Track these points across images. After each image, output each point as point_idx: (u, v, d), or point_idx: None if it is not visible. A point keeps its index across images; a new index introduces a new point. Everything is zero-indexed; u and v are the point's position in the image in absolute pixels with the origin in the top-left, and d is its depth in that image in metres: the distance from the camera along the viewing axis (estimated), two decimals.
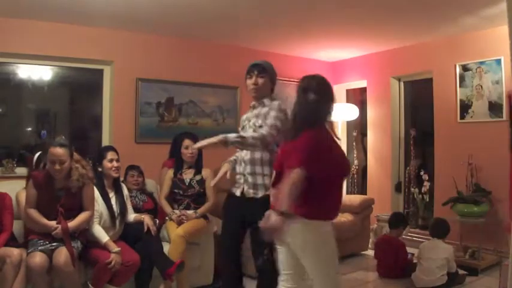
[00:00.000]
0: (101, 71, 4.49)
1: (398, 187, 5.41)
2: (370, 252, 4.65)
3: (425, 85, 5.07)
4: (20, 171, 3.89)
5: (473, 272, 3.89)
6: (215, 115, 5.03)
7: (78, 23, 4.15)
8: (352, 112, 5.46)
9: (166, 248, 3.22)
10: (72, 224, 2.81)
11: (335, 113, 2.32)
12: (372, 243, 4.79)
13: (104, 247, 2.91)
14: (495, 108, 4.32)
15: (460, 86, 4.61)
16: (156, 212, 3.59)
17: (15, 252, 2.69)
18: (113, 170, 3.21)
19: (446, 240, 3.73)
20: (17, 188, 3.16)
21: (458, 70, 4.62)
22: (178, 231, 3.27)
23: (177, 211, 3.50)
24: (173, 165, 3.75)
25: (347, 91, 6.12)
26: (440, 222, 3.85)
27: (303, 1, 3.68)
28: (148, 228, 3.23)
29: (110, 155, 3.23)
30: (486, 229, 4.13)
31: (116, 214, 3.15)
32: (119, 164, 3.26)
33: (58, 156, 2.77)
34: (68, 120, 4.75)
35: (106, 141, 4.44)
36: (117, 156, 3.27)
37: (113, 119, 4.45)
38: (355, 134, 5.96)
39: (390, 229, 4.08)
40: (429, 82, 4.95)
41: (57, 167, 2.78)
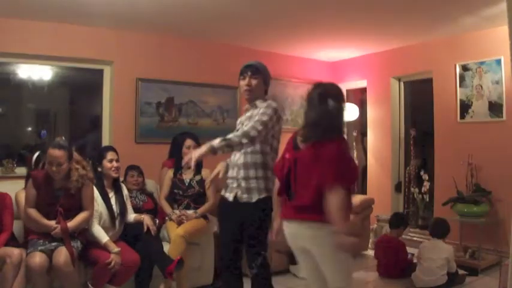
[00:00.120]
0: (101, 71, 4.49)
1: (398, 187, 5.40)
2: (370, 252, 4.65)
3: (425, 85, 5.06)
4: (20, 171, 3.89)
5: (473, 272, 3.89)
6: (215, 115, 5.03)
7: (78, 23, 4.15)
8: (352, 112, 5.46)
9: (166, 248, 3.22)
10: (71, 224, 2.81)
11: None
12: (372, 243, 4.79)
13: (104, 247, 2.91)
14: (495, 108, 4.32)
15: (460, 86, 4.60)
16: (156, 212, 3.58)
17: (15, 252, 2.70)
18: (113, 170, 3.21)
19: (446, 240, 3.73)
20: (17, 188, 3.16)
21: (458, 70, 4.61)
22: (178, 231, 3.27)
23: (177, 211, 3.51)
24: (173, 165, 3.75)
25: (347, 91, 6.10)
26: (440, 222, 3.85)
27: (303, 1, 3.68)
28: (148, 228, 3.23)
29: (110, 155, 3.23)
30: (486, 229, 4.13)
31: (116, 214, 3.16)
32: (119, 164, 3.26)
33: (55, 158, 2.77)
34: (68, 120, 4.75)
35: (106, 141, 4.44)
36: (116, 156, 3.27)
37: (113, 119, 4.44)
38: (355, 134, 5.95)
39: (390, 229, 4.08)
40: (429, 82, 4.94)
41: (54, 169, 2.78)
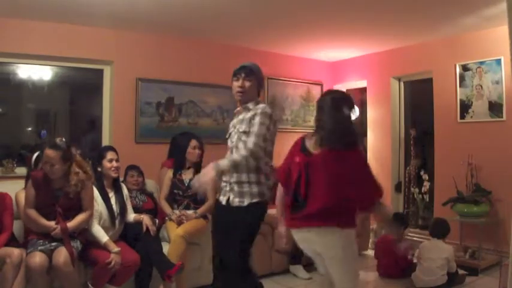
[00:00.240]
0: (101, 71, 4.49)
1: (398, 187, 5.40)
2: (370, 252, 4.65)
3: (425, 85, 5.06)
4: (20, 171, 3.88)
5: (473, 272, 3.89)
6: (215, 115, 5.03)
7: (78, 23, 4.14)
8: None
9: (166, 248, 3.21)
10: (71, 224, 2.81)
11: None
12: (372, 243, 4.79)
13: (104, 247, 2.91)
14: (495, 108, 4.32)
15: (460, 86, 4.60)
16: (156, 212, 3.58)
17: (15, 252, 2.69)
18: (113, 170, 3.21)
19: (446, 240, 3.73)
20: (17, 188, 3.15)
21: (458, 70, 4.61)
22: (178, 231, 3.27)
23: (177, 211, 3.51)
24: (172, 165, 3.75)
25: (347, 91, 6.11)
26: (440, 222, 3.85)
27: (303, 1, 3.68)
28: (147, 228, 3.22)
29: (110, 155, 3.23)
30: (486, 229, 4.13)
31: (116, 214, 3.15)
32: (119, 164, 3.26)
33: (49, 158, 2.76)
34: (68, 120, 4.75)
35: (106, 141, 4.44)
36: (116, 156, 3.27)
37: (113, 119, 4.44)
38: None
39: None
40: (429, 82, 4.94)
41: (48, 169, 2.78)
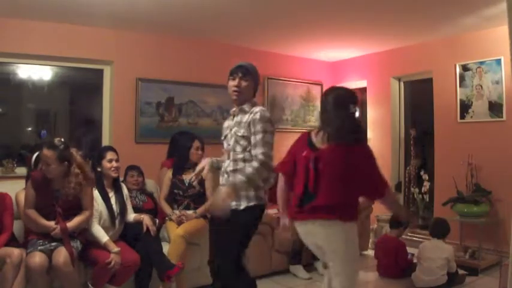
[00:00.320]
0: (101, 71, 4.49)
1: (398, 187, 5.40)
2: (370, 252, 4.65)
3: (425, 85, 5.06)
4: (20, 171, 3.89)
5: (473, 272, 3.89)
6: (215, 115, 5.03)
7: (78, 23, 4.14)
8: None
9: (166, 248, 3.21)
10: (71, 224, 2.80)
11: None
12: (372, 243, 4.79)
13: (104, 247, 2.91)
14: (495, 108, 4.32)
15: (460, 86, 4.60)
16: (156, 212, 3.58)
17: (15, 252, 2.69)
18: (112, 170, 3.21)
19: (446, 240, 3.73)
20: (17, 188, 3.15)
21: (458, 70, 4.61)
22: (178, 231, 3.27)
23: (177, 211, 3.51)
24: (172, 165, 3.75)
25: None
26: (440, 222, 3.85)
27: (303, 1, 3.68)
28: (147, 228, 3.22)
29: (109, 155, 3.23)
30: (486, 229, 4.13)
31: (116, 214, 3.15)
32: (118, 164, 3.26)
33: (45, 157, 2.76)
34: (68, 120, 4.75)
35: (106, 141, 4.44)
36: (116, 156, 3.27)
37: (113, 119, 4.44)
38: None
39: (391, 229, 4.08)
40: (429, 82, 4.94)
41: (44, 168, 2.78)
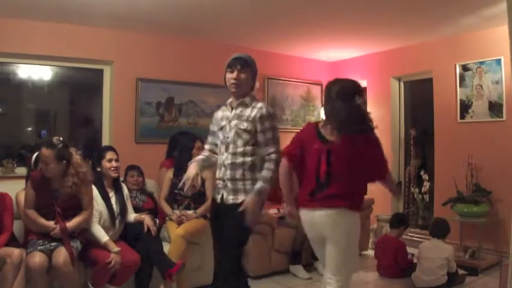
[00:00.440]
0: (101, 71, 4.49)
1: (398, 187, 5.40)
2: (370, 252, 4.65)
3: (425, 85, 5.06)
4: (20, 171, 3.89)
5: (473, 272, 3.89)
6: None
7: (78, 23, 4.14)
8: None
9: (166, 248, 3.21)
10: (70, 224, 2.80)
11: None
12: (372, 243, 4.79)
13: (104, 247, 2.91)
14: (495, 108, 4.32)
15: (460, 86, 4.60)
16: (156, 212, 3.58)
17: (15, 252, 2.69)
18: (112, 170, 3.20)
19: (446, 240, 3.73)
20: (17, 188, 3.15)
21: (458, 70, 4.61)
22: (178, 231, 3.27)
23: (177, 211, 3.51)
24: (171, 165, 3.74)
25: None
26: (440, 222, 3.85)
27: (303, 1, 3.68)
28: (148, 228, 3.22)
29: (109, 155, 3.23)
30: (486, 229, 4.13)
31: (116, 214, 3.15)
32: (118, 164, 3.26)
33: (43, 157, 2.76)
34: (68, 120, 4.75)
35: (106, 141, 4.44)
36: (116, 156, 3.27)
37: (113, 119, 4.44)
38: None
39: (391, 229, 4.08)
40: (429, 82, 4.94)
41: (43, 167, 2.78)
